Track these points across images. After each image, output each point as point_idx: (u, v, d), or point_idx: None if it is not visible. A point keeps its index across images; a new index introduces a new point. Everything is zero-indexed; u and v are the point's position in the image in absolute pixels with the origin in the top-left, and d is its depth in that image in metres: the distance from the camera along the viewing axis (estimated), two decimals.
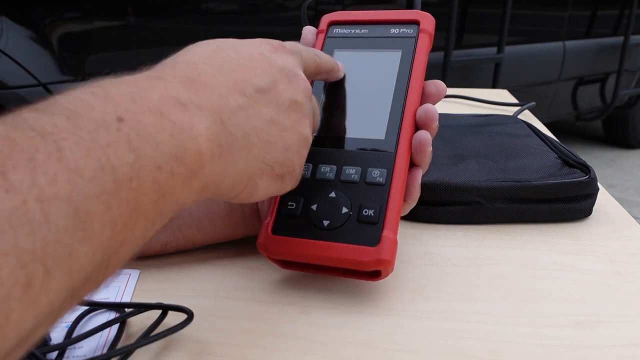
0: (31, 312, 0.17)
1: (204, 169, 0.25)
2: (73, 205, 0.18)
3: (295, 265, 0.38)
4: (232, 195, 0.30)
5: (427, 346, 0.33)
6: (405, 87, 0.39)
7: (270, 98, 0.30)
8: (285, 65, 0.32)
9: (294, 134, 0.32)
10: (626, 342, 0.33)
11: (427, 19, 0.41)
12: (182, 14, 1.42)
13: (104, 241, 0.19)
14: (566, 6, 2.42)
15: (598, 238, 0.46)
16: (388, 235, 0.35)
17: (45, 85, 1.27)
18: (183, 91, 0.25)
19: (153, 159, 0.21)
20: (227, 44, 0.31)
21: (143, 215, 0.21)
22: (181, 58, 0.29)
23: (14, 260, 0.16)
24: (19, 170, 0.17)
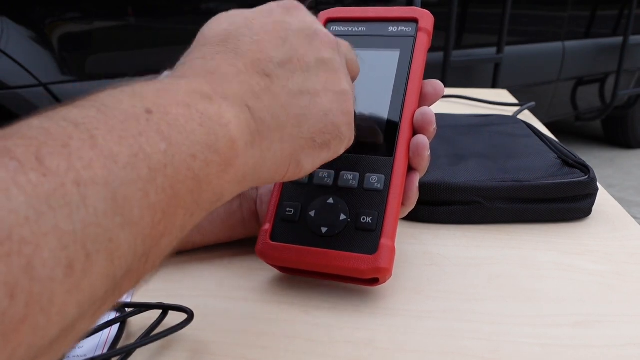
0: (74, 298, 0.17)
1: (238, 157, 0.25)
2: (110, 190, 0.18)
3: (295, 271, 0.38)
4: (279, 178, 0.29)
5: (427, 346, 0.33)
6: (404, 89, 0.38)
7: (294, 67, 0.29)
8: (301, 25, 0.30)
9: (329, 94, 0.30)
10: (626, 341, 0.33)
11: (426, 16, 0.40)
12: (182, 14, 1.43)
13: (144, 229, 0.19)
14: (566, 6, 2.43)
15: (597, 238, 0.46)
16: (386, 243, 0.35)
17: (46, 85, 1.27)
18: (206, 85, 0.25)
19: (186, 147, 0.21)
20: (238, 19, 0.30)
21: (181, 204, 0.21)
22: (196, 53, 0.28)
23: (54, 241, 0.16)
24: (54, 156, 0.17)
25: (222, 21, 0.30)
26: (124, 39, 1.36)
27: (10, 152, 0.16)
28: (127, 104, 0.21)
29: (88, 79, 1.33)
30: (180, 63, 0.28)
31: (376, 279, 0.36)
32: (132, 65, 1.37)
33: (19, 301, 0.15)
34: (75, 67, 1.31)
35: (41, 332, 0.16)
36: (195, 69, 0.26)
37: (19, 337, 0.15)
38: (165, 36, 1.41)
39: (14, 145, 0.16)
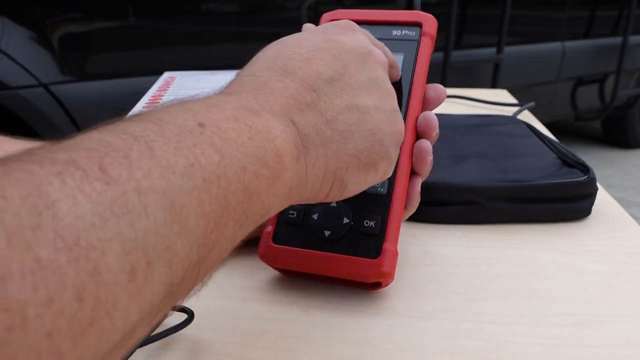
0: (136, 303, 0.17)
1: (286, 171, 0.25)
2: (169, 198, 0.19)
3: (297, 273, 0.38)
4: (321, 197, 0.29)
5: (427, 346, 0.33)
6: (407, 93, 0.38)
7: (343, 84, 0.29)
8: (356, 44, 0.31)
9: (379, 113, 0.30)
10: (625, 341, 0.33)
11: (430, 21, 0.40)
12: (183, 15, 1.43)
13: (198, 238, 0.20)
14: (565, 7, 2.43)
15: (597, 238, 0.46)
16: (389, 248, 0.35)
17: (46, 85, 1.27)
18: (253, 100, 0.25)
19: (237, 159, 0.22)
20: (290, 41, 0.30)
21: (232, 215, 0.22)
22: (246, 71, 0.28)
23: (118, 247, 0.16)
24: (116, 166, 0.18)
25: (275, 44, 0.30)
26: (125, 39, 1.36)
27: (75, 162, 0.17)
28: (181, 118, 0.22)
29: (88, 79, 1.33)
30: (231, 80, 0.28)
31: (378, 283, 0.36)
32: (133, 65, 1.37)
33: (87, 304, 0.15)
34: (75, 67, 1.31)
35: (106, 336, 0.16)
36: (244, 85, 0.27)
37: (86, 340, 0.15)
38: (165, 36, 1.41)
39: (78, 156, 0.17)
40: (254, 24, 1.53)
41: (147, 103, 0.53)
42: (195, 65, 1.42)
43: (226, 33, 1.49)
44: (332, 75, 0.29)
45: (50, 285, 0.14)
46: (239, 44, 1.52)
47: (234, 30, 1.51)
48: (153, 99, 0.55)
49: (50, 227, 0.15)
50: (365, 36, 0.32)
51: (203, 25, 1.46)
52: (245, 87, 0.27)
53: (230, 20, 1.51)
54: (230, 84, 0.28)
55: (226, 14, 1.50)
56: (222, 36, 1.49)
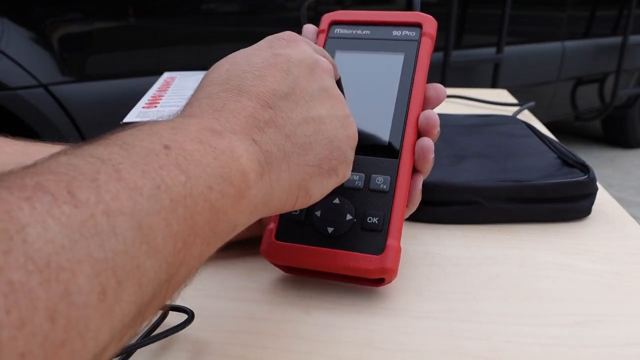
0: (107, 323, 0.17)
1: (251, 188, 0.26)
2: (137, 219, 0.19)
3: (299, 270, 0.38)
4: (288, 208, 0.30)
5: (427, 346, 0.33)
6: (408, 92, 0.38)
7: (296, 98, 0.30)
8: (302, 55, 0.31)
9: (333, 120, 0.31)
10: (625, 341, 0.33)
11: (430, 22, 0.40)
12: (183, 15, 1.43)
13: (166, 257, 0.20)
14: (565, 7, 2.43)
15: (597, 238, 0.46)
16: (392, 244, 0.35)
17: (46, 86, 1.27)
18: (215, 121, 0.26)
19: (203, 180, 0.23)
20: (239, 58, 0.31)
21: (200, 233, 0.22)
22: (202, 93, 0.29)
23: (88, 268, 0.17)
24: (84, 189, 0.18)
25: (223, 63, 0.31)
26: (125, 39, 1.36)
27: (44, 187, 0.17)
28: (146, 141, 0.22)
29: (88, 79, 1.33)
30: (187, 103, 0.29)
31: (382, 279, 0.36)
32: (133, 65, 1.37)
33: (59, 326, 0.16)
34: (75, 67, 1.31)
35: (77, 357, 0.16)
36: (203, 108, 0.27)
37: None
38: (165, 36, 1.41)
39: (45, 180, 0.18)
40: (253, 24, 1.53)
41: (147, 103, 0.53)
42: (195, 65, 1.42)
43: (226, 33, 1.49)
44: (286, 91, 0.30)
45: (22, 308, 0.15)
46: (239, 44, 1.51)
47: (234, 30, 1.51)
48: (153, 99, 0.55)
49: (21, 251, 0.15)
50: (308, 46, 0.33)
51: (203, 25, 1.46)
52: (205, 109, 0.27)
53: (230, 20, 1.51)
54: (190, 107, 0.28)
55: (226, 14, 1.50)
56: (222, 36, 1.49)
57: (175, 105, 0.52)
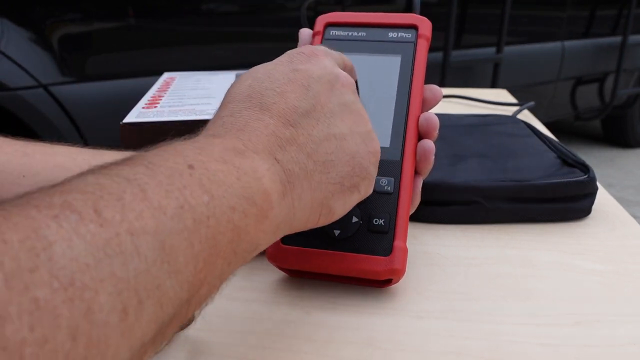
0: (127, 342, 0.18)
1: (273, 208, 0.26)
2: (159, 239, 0.19)
3: (305, 273, 0.38)
4: (311, 225, 0.30)
5: (427, 346, 0.33)
6: (407, 94, 0.38)
7: (317, 115, 0.30)
8: (322, 72, 0.31)
9: (355, 137, 0.31)
10: (626, 341, 0.33)
11: (425, 23, 0.40)
12: (183, 15, 1.43)
13: (188, 277, 0.21)
14: (565, 6, 2.43)
15: (597, 237, 0.46)
16: (399, 245, 0.35)
17: (46, 86, 1.27)
18: (237, 141, 0.26)
19: (226, 200, 0.23)
20: (261, 73, 0.31)
21: (221, 254, 0.23)
22: (225, 111, 0.29)
23: (111, 287, 0.17)
24: (109, 208, 0.18)
25: (245, 78, 0.31)
26: (124, 39, 1.36)
27: (71, 205, 0.18)
28: (171, 161, 0.22)
29: (88, 80, 1.33)
30: (211, 121, 0.29)
31: (389, 279, 0.36)
32: (133, 66, 1.37)
33: (80, 343, 0.16)
34: (75, 68, 1.31)
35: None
36: (226, 127, 0.28)
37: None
38: (165, 36, 1.41)
39: (73, 199, 0.18)
40: (253, 24, 1.53)
41: (146, 103, 0.53)
42: (195, 65, 1.42)
43: (226, 33, 1.49)
44: (307, 108, 0.30)
45: (45, 325, 0.15)
46: (239, 44, 1.52)
47: (234, 30, 1.51)
48: (153, 99, 0.55)
49: (47, 268, 0.16)
50: (329, 59, 0.33)
51: (203, 25, 1.46)
52: (228, 129, 0.27)
53: (230, 20, 1.51)
54: (213, 126, 0.28)
55: (226, 14, 1.50)
56: (222, 36, 1.49)
57: (175, 105, 0.52)
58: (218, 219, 0.22)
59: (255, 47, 1.53)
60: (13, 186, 0.36)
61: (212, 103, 0.53)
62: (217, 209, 0.22)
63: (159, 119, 0.48)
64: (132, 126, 0.47)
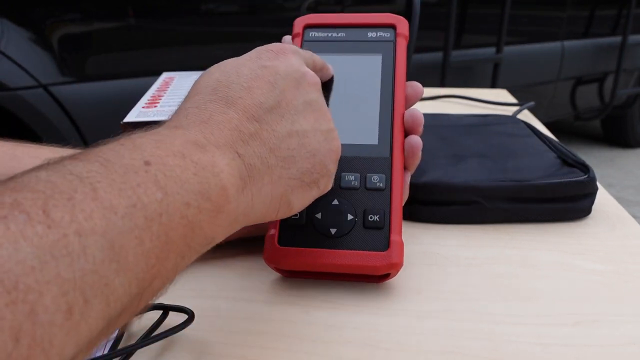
0: (72, 339, 0.18)
1: (230, 203, 0.26)
2: (108, 239, 0.19)
3: (303, 273, 0.39)
4: (269, 218, 0.31)
5: (427, 345, 0.33)
6: (391, 92, 0.39)
7: (282, 111, 0.30)
8: (289, 69, 0.32)
9: (317, 134, 0.32)
10: (626, 341, 0.33)
11: (402, 22, 0.41)
12: (182, 15, 1.42)
13: (138, 273, 0.21)
14: (564, 6, 2.43)
15: (597, 237, 0.46)
16: (395, 239, 0.36)
17: (46, 86, 1.27)
18: (199, 134, 0.26)
19: (180, 196, 0.23)
20: (229, 67, 0.31)
21: (174, 248, 0.23)
22: (190, 102, 0.29)
23: (56, 288, 0.17)
24: (59, 208, 0.18)
25: (213, 71, 0.31)
26: (124, 39, 1.36)
27: (20, 205, 0.18)
28: (127, 157, 0.22)
29: (88, 80, 1.33)
30: (175, 112, 0.29)
31: (387, 274, 0.37)
32: (132, 66, 1.37)
33: (23, 344, 0.16)
34: (75, 68, 1.31)
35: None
36: (189, 118, 0.28)
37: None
38: (165, 37, 1.41)
39: (23, 198, 0.18)
40: (253, 24, 1.53)
41: (146, 103, 0.53)
42: (196, 65, 1.42)
43: (226, 33, 1.49)
44: (272, 104, 0.30)
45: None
46: (239, 44, 1.52)
47: (234, 31, 1.50)
48: (152, 99, 0.55)
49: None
50: (296, 57, 0.33)
51: (203, 26, 1.46)
52: (192, 120, 0.27)
53: (230, 20, 1.51)
54: (177, 117, 0.28)
55: (226, 14, 1.50)
56: (222, 36, 1.49)
57: (175, 105, 0.52)
58: (171, 215, 0.22)
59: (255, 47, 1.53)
60: None
61: None
62: (171, 206, 0.22)
63: (159, 119, 0.48)
64: (132, 125, 0.47)
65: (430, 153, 0.54)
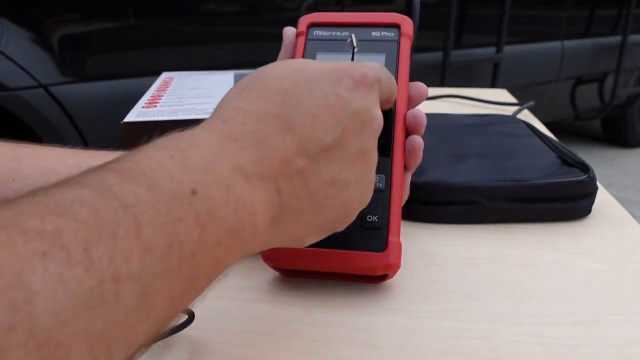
0: None
1: (254, 242, 0.26)
2: (142, 284, 0.19)
3: (300, 272, 0.39)
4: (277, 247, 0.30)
5: (427, 345, 0.33)
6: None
7: (335, 153, 0.29)
8: (361, 107, 0.30)
9: (357, 186, 0.30)
10: (625, 340, 0.33)
11: (407, 22, 0.41)
12: (183, 15, 1.42)
13: (160, 317, 0.20)
14: (564, 6, 2.43)
15: (597, 237, 0.46)
16: (394, 240, 0.36)
17: (46, 86, 1.27)
18: (249, 158, 0.25)
19: (214, 235, 0.22)
20: (302, 80, 0.29)
21: (196, 286, 0.22)
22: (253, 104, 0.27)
23: (84, 343, 0.16)
24: (100, 246, 0.17)
25: (285, 76, 0.29)
26: (124, 39, 1.36)
27: (62, 237, 0.17)
28: (176, 180, 0.21)
29: (88, 80, 1.33)
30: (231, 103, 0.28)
31: (385, 275, 0.36)
32: (132, 66, 1.37)
33: None
34: (75, 68, 1.31)
35: None
36: (246, 128, 0.26)
37: None
38: (165, 37, 1.41)
39: (66, 227, 0.17)
40: (253, 24, 1.53)
41: (146, 103, 0.53)
42: (195, 65, 1.42)
43: (226, 33, 1.49)
44: (329, 143, 0.28)
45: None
46: (239, 44, 1.52)
47: (234, 30, 1.50)
48: (152, 99, 0.55)
49: (25, 327, 0.15)
50: (374, 94, 0.31)
51: (202, 26, 1.46)
52: (248, 133, 0.26)
53: (229, 20, 1.51)
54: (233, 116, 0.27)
55: (226, 14, 1.50)
56: (222, 36, 1.49)
57: (175, 104, 0.52)
58: (202, 256, 0.22)
59: (254, 47, 1.53)
60: (2, 190, 0.36)
61: (211, 102, 0.53)
62: (204, 246, 0.22)
63: (160, 118, 0.48)
64: (132, 125, 0.47)
65: (431, 153, 0.54)
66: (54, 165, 0.38)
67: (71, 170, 0.38)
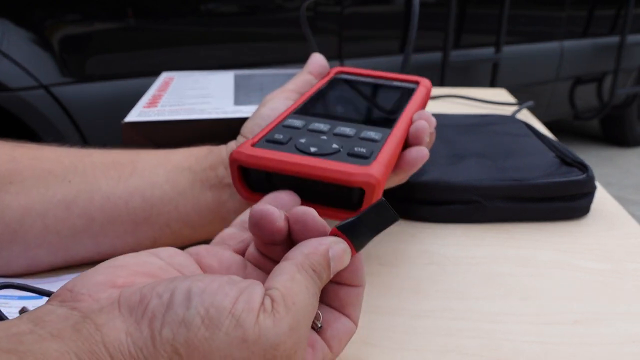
0: None
1: None
2: None
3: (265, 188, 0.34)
4: None
5: (426, 345, 0.33)
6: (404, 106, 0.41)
7: None
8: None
9: None
10: (625, 339, 0.34)
11: (426, 81, 0.46)
12: (182, 16, 1.43)
13: None
14: (563, 6, 2.43)
15: (596, 236, 0.46)
16: (381, 163, 0.33)
17: (47, 87, 1.27)
18: None
19: None
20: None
21: None
22: None
23: None
24: None
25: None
26: (124, 40, 1.36)
27: None
28: None
29: (88, 80, 1.33)
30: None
31: (361, 196, 0.32)
32: (133, 66, 1.37)
33: None
34: (75, 68, 1.31)
35: None
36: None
37: None
38: (165, 37, 1.41)
39: None
40: (253, 24, 1.53)
41: (147, 103, 0.53)
42: (195, 65, 1.42)
43: (225, 33, 1.50)
44: None
45: None
46: (239, 44, 1.52)
47: (234, 30, 1.51)
48: (153, 98, 0.55)
49: None
50: None
51: (202, 26, 1.46)
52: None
53: (229, 20, 1.51)
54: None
55: (225, 14, 1.51)
56: (222, 36, 1.49)
57: (175, 104, 0.52)
58: None
59: (254, 47, 1.53)
60: (0, 193, 0.36)
61: (211, 102, 0.53)
62: None
63: (160, 118, 0.48)
64: (133, 125, 0.47)
65: (430, 152, 0.54)
66: (51, 167, 0.38)
67: (68, 170, 0.38)
